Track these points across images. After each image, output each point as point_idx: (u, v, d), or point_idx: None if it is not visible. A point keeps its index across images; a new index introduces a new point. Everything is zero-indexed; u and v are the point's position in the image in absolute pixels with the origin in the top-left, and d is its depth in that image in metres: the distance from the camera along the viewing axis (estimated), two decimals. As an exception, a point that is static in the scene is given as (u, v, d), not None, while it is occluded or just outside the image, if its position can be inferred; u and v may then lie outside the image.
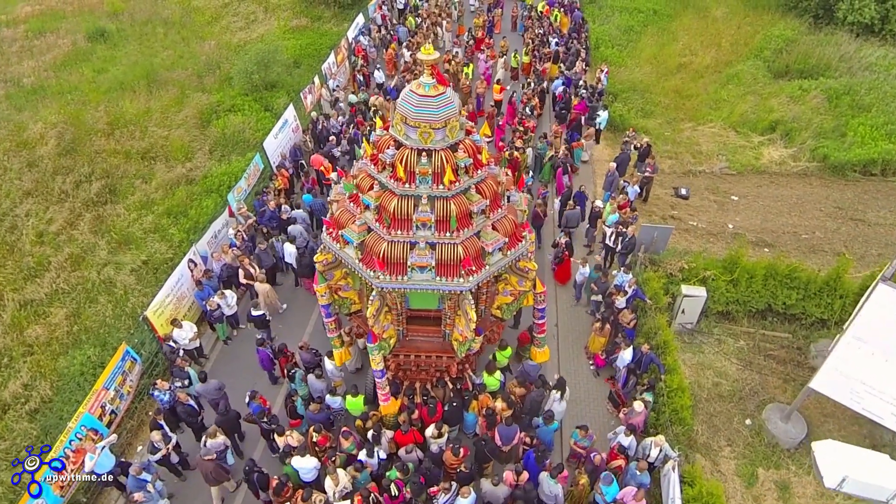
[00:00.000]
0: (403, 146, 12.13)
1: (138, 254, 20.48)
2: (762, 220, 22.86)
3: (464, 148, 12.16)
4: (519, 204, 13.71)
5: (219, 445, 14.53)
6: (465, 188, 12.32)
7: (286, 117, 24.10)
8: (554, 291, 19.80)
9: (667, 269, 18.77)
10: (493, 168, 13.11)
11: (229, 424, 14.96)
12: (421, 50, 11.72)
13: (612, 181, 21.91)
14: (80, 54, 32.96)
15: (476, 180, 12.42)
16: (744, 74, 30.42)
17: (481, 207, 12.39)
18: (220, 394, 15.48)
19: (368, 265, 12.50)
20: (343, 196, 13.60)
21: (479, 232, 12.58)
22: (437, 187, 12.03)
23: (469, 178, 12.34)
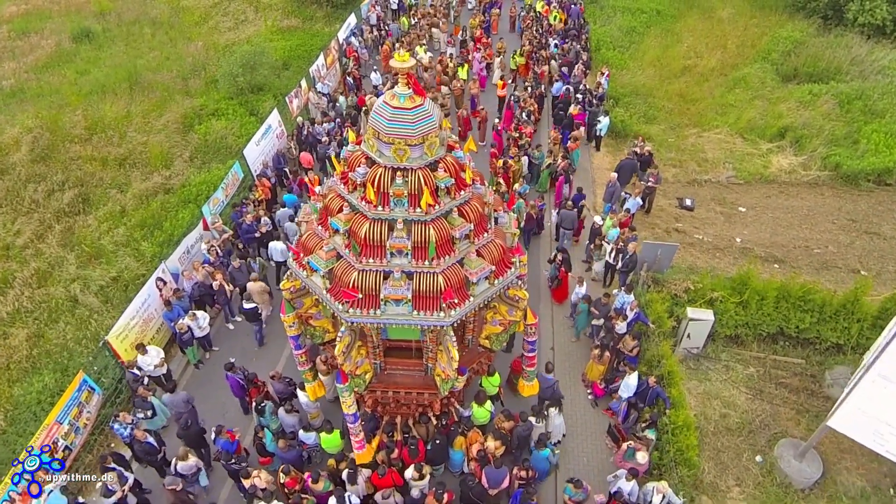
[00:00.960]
0: (376, 164, 10.65)
1: (108, 269, 19.05)
2: (771, 234, 21.33)
3: (445, 166, 10.67)
4: (508, 226, 12.22)
5: (190, 468, 13.30)
6: (447, 211, 10.83)
7: (270, 123, 22.64)
8: (550, 311, 18.34)
9: (671, 289, 17.27)
10: (479, 187, 11.61)
11: (191, 440, 13.87)
12: (394, 56, 10.24)
13: (612, 192, 20.41)
14: (64, 55, 31.58)
15: (459, 202, 10.94)
16: (751, 78, 28.86)
17: (464, 232, 10.90)
18: (187, 407, 14.44)
19: (337, 296, 11.03)
20: (311, 217, 12.14)
21: (463, 259, 11.10)
22: (414, 210, 10.55)
23: (451, 199, 10.85)
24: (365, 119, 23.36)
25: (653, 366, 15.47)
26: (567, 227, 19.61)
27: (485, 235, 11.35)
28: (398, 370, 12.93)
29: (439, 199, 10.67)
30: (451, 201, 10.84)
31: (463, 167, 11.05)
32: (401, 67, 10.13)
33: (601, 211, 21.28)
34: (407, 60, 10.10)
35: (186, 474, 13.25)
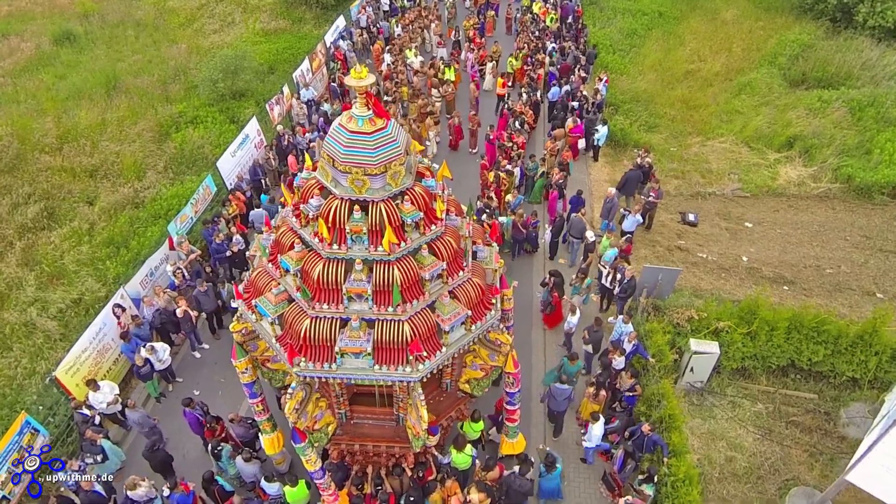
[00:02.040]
0: (332, 195, 9.11)
1: (69, 291, 17.54)
2: (780, 252, 19.70)
3: (412, 197, 9.11)
4: (488, 260, 10.66)
5: (141, 497, 11.90)
6: (415, 248, 9.29)
7: (248, 132, 21.11)
8: (542, 338, 16.78)
9: (673, 318, 15.66)
10: (454, 219, 10.05)
11: (157, 465, 12.93)
12: (351, 73, 8.67)
13: (610, 208, 18.81)
14: (44, 59, 30.05)
15: (429, 238, 9.39)
16: (757, 83, 27.17)
17: (436, 272, 9.35)
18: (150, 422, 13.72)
19: (287, 346, 9.49)
20: (260, 253, 10.62)
21: (434, 303, 9.56)
22: (376, 249, 9.00)
23: (420, 235, 9.30)
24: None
25: (652, 405, 13.88)
26: (576, 235, 18.05)
27: (460, 274, 9.79)
28: (366, 420, 11.40)
29: (406, 236, 9.12)
30: (420, 237, 9.29)
31: (434, 197, 9.48)
32: (358, 86, 8.55)
33: (598, 227, 19.72)
34: (364, 77, 8.53)
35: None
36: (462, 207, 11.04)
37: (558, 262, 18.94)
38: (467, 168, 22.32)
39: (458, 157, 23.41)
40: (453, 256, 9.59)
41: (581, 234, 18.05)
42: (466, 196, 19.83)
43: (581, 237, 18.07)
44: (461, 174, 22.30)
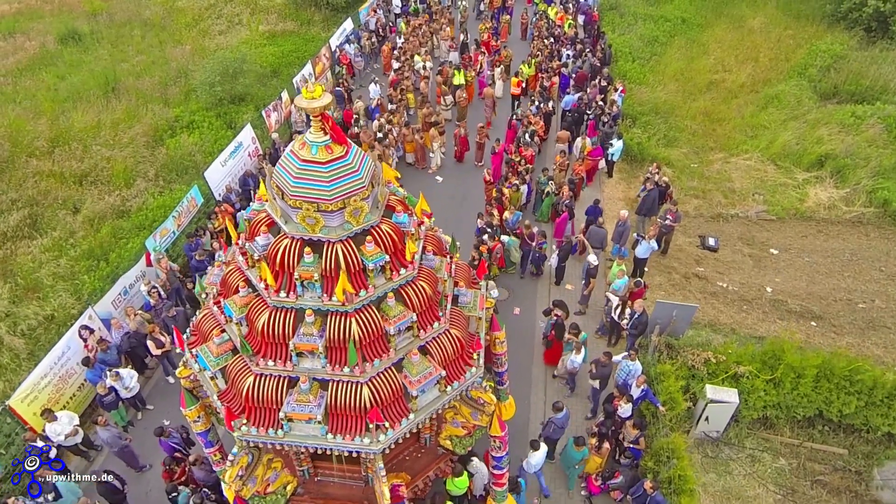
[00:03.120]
0: (282, 233, 7.62)
1: (43, 306, 16.30)
2: (808, 282, 17.85)
3: (378, 237, 7.59)
4: (471, 306, 9.08)
5: None
6: (378, 297, 7.77)
7: (241, 140, 19.74)
8: (543, 375, 15.17)
9: (688, 359, 13.94)
10: (431, 260, 8.48)
11: None
12: (302, 92, 7.15)
13: (622, 232, 17.11)
14: (47, 58, 29.03)
15: (396, 284, 7.85)
16: (785, 96, 25.18)
17: (404, 324, 7.82)
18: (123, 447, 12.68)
19: (230, 406, 8.03)
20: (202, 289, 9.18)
21: (402, 361, 8.03)
22: (330, 298, 7.49)
23: (385, 281, 7.77)
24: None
25: (660, 460, 12.21)
26: (596, 245, 16.78)
27: (435, 326, 8.22)
28: (332, 477, 9.89)
29: (368, 282, 7.59)
30: (386, 284, 7.75)
31: (404, 236, 7.94)
32: (309, 107, 7.04)
33: (609, 251, 18.05)
34: (318, 97, 7.01)
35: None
36: (445, 243, 9.47)
37: (565, 287, 17.32)
38: (473, 182, 20.78)
39: (464, 169, 21.86)
40: (427, 305, 8.04)
41: (601, 244, 16.98)
42: (470, 214, 18.30)
43: (601, 247, 17.00)
44: (466, 189, 20.80)
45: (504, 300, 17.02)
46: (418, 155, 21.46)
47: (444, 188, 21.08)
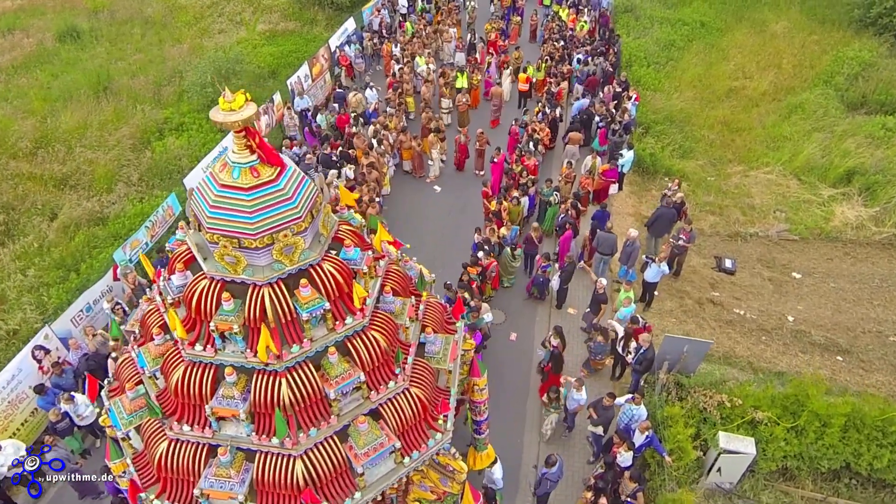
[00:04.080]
0: (202, 272, 6.15)
1: (7, 320, 15.03)
2: (833, 311, 16.09)
3: (317, 278, 6.09)
4: (440, 357, 7.53)
5: None
6: (318, 351, 6.27)
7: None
8: (538, 412, 13.59)
9: (699, 401, 12.28)
10: (389, 302, 6.96)
11: None
12: (219, 102, 5.66)
13: (631, 253, 15.46)
14: (44, 56, 27.83)
15: (340, 336, 6.34)
16: (810, 105, 23.31)
17: (349, 386, 6.32)
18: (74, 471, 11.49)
19: (142, 473, 6.58)
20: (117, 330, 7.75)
21: (348, 428, 6.53)
22: (254, 355, 6.01)
23: (327, 332, 6.27)
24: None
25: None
26: (606, 251, 15.58)
27: (390, 385, 6.69)
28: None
29: (304, 334, 6.10)
30: (327, 336, 6.24)
31: (353, 276, 6.43)
32: (227, 121, 5.55)
33: (616, 273, 16.44)
34: (238, 108, 5.52)
35: None
36: (412, 279, 7.94)
37: (567, 311, 15.73)
38: (473, 192, 19.19)
39: (464, 179, 20.30)
40: (380, 360, 6.52)
41: (611, 250, 15.56)
42: (468, 227, 16.75)
43: (611, 253, 15.63)
44: (465, 200, 19.28)
45: (500, 324, 15.49)
46: (415, 163, 19.95)
47: (441, 198, 19.56)
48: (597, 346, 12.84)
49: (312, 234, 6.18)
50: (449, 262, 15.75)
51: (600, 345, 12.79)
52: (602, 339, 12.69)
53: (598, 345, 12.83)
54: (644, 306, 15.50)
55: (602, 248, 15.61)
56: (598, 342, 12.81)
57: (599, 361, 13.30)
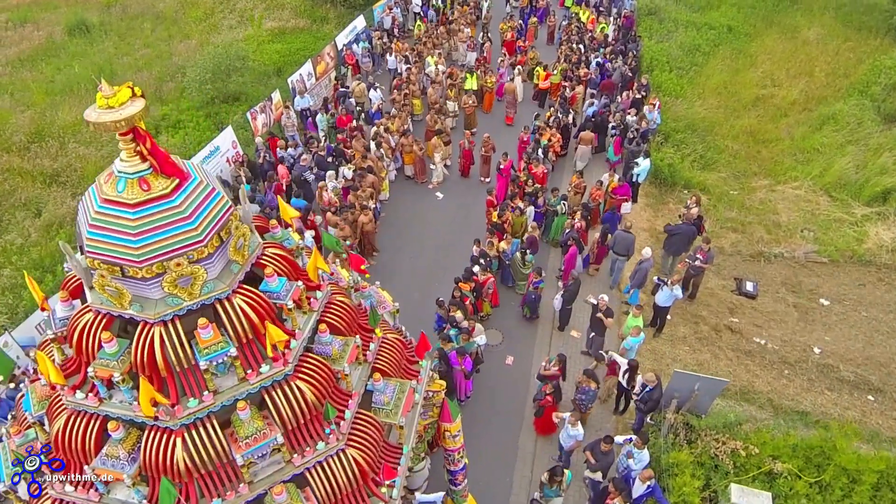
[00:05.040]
0: (86, 304, 4.96)
1: (-27, 323, 14.13)
2: (865, 344, 14.46)
3: (227, 316, 4.87)
4: (390, 409, 6.21)
5: None
6: (224, 406, 5.04)
7: (219, 144, 17.34)
8: (533, 446, 12.26)
9: (710, 447, 10.82)
10: (323, 344, 5.69)
11: None
12: (97, 98, 4.49)
13: (645, 273, 14.03)
14: (52, 49, 27.23)
15: (254, 387, 5.11)
16: (843, 116, 21.56)
17: (264, 447, 5.08)
18: None
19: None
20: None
21: (264, 498, 5.28)
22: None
23: (238, 382, 5.04)
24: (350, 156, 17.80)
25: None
26: (622, 252, 14.72)
27: (319, 447, 5.42)
28: None
29: (206, 384, 4.88)
30: (237, 388, 5.02)
31: (275, 312, 5.20)
32: (102, 121, 4.37)
33: (622, 291, 15.03)
34: (119, 105, 4.36)
35: None
36: (366, 310, 6.68)
37: (570, 334, 14.36)
38: (477, 200, 17.91)
39: (468, 186, 19.00)
40: (306, 416, 5.27)
41: (627, 251, 14.64)
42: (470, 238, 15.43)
43: (627, 254, 14.72)
44: (468, 208, 18.01)
45: (497, 345, 14.17)
46: (417, 168, 18.71)
47: (443, 206, 18.29)
48: (586, 392, 11.27)
49: (222, 262, 4.97)
50: (446, 276, 14.46)
51: (591, 392, 11.22)
52: (594, 385, 11.14)
53: (587, 391, 11.25)
54: (654, 332, 14.06)
55: (618, 249, 14.64)
56: (589, 389, 11.22)
57: (587, 412, 11.68)
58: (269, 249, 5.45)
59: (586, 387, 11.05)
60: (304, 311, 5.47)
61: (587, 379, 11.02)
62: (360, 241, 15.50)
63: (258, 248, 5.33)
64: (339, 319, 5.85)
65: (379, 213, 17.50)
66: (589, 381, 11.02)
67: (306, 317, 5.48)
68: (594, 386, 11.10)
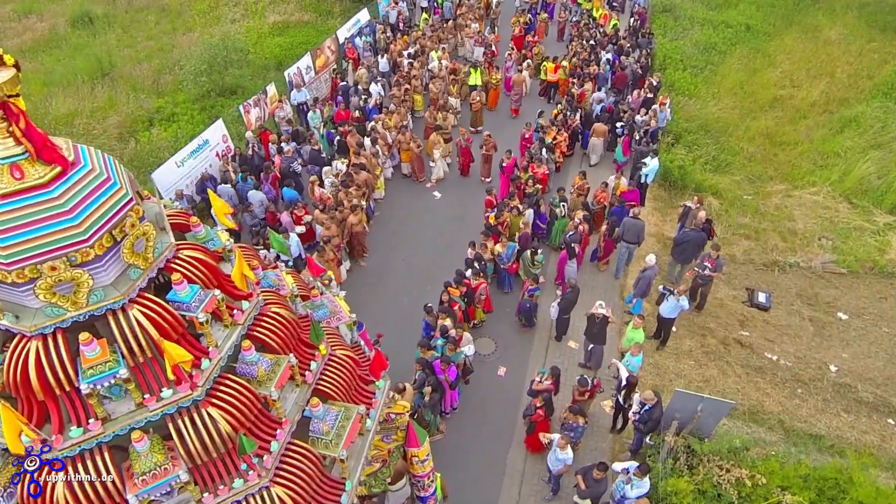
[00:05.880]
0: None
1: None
2: (886, 362, 13.37)
3: (121, 331, 4.05)
4: (330, 440, 5.31)
5: None
6: (118, 435, 4.22)
7: (208, 137, 16.61)
8: (522, 463, 11.37)
9: (713, 474, 9.85)
10: (248, 364, 4.82)
11: None
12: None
13: (649, 282, 13.04)
14: (54, 40, 26.87)
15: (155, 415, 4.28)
16: (866, 119, 20.40)
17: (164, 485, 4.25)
18: None
19: None
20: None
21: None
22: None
23: (133, 410, 4.22)
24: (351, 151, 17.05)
25: None
26: (632, 240, 14.19)
27: (236, 484, 4.58)
28: None
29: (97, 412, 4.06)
30: (131, 415, 4.20)
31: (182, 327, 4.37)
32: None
33: (624, 301, 14.09)
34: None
35: None
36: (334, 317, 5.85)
37: (567, 344, 13.44)
38: (476, 200, 17.02)
39: (468, 185, 18.12)
40: (222, 449, 4.45)
41: (637, 238, 14.14)
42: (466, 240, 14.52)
43: (637, 242, 14.23)
44: (467, 208, 17.14)
45: (490, 354, 13.30)
46: (415, 166, 17.87)
47: (441, 205, 17.44)
48: (574, 429, 10.26)
49: (117, 267, 4.16)
50: (439, 280, 13.50)
51: (579, 428, 10.23)
52: (581, 420, 10.14)
53: (575, 428, 10.25)
54: (658, 345, 13.11)
55: (627, 236, 14.02)
56: (577, 425, 10.22)
57: (577, 446, 10.68)
58: (185, 252, 4.63)
59: (574, 423, 10.08)
60: (225, 324, 4.65)
61: (574, 415, 10.04)
62: (350, 241, 14.69)
63: (168, 249, 4.51)
64: (271, 334, 5.01)
65: (373, 213, 16.71)
66: (576, 418, 10.04)
67: (228, 331, 4.67)
68: (582, 421, 10.13)
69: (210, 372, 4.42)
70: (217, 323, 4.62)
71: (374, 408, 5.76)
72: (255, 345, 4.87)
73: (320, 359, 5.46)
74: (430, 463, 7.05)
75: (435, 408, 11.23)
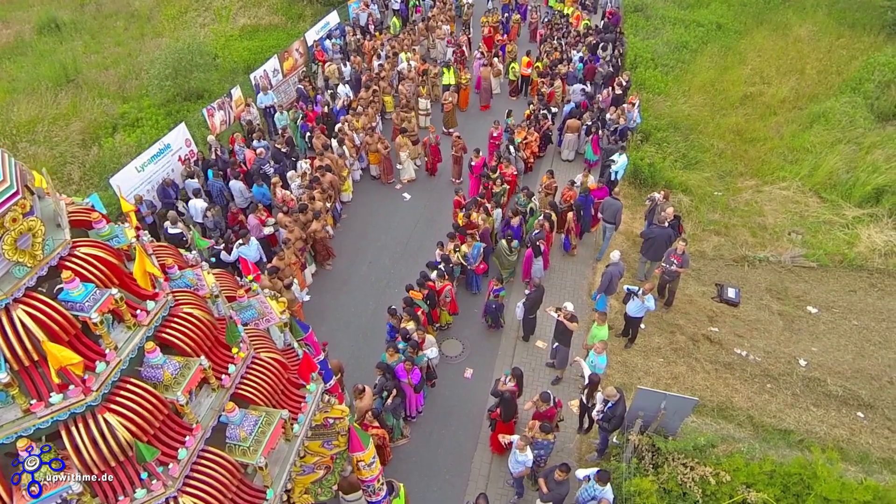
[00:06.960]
0: None
1: None
2: (855, 355, 13.27)
3: (9, 330, 3.74)
4: (247, 445, 5.01)
5: None
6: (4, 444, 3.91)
7: (168, 141, 16.25)
8: (488, 464, 11.11)
9: (677, 472, 9.63)
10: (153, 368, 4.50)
11: None
12: None
13: (613, 278, 12.86)
14: (20, 47, 26.28)
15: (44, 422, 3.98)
16: (835, 114, 20.41)
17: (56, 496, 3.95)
18: None
19: None
20: None
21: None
22: None
23: (17, 419, 3.91)
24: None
25: None
26: (609, 220, 14.57)
27: (138, 495, 4.26)
28: None
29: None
30: (19, 422, 3.90)
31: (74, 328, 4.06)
32: None
33: (589, 297, 13.91)
34: None
35: None
36: (263, 318, 5.56)
37: (535, 344, 13.21)
38: (445, 202, 16.80)
39: (437, 186, 17.91)
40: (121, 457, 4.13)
41: (614, 218, 14.48)
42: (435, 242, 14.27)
43: (615, 223, 14.58)
44: (436, 210, 16.90)
45: (457, 356, 13.04)
46: (383, 167, 17.61)
47: (409, 207, 17.18)
48: (545, 447, 9.98)
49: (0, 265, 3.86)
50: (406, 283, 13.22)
51: (548, 444, 9.96)
52: (551, 437, 9.87)
53: (545, 445, 9.98)
54: (626, 343, 12.91)
55: (606, 216, 14.53)
56: (546, 442, 9.94)
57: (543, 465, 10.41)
58: (82, 249, 4.33)
59: (543, 440, 9.80)
60: (128, 325, 4.36)
61: (542, 433, 9.77)
62: (314, 245, 14.38)
63: (62, 246, 4.21)
64: (182, 336, 4.71)
65: (339, 215, 16.43)
66: (546, 435, 9.76)
67: (131, 333, 4.37)
68: (552, 438, 9.86)
69: (107, 376, 4.12)
70: (120, 324, 4.32)
71: (304, 412, 5.46)
72: (166, 347, 4.58)
73: (240, 362, 5.16)
74: (377, 466, 6.76)
75: (397, 411, 10.95)
